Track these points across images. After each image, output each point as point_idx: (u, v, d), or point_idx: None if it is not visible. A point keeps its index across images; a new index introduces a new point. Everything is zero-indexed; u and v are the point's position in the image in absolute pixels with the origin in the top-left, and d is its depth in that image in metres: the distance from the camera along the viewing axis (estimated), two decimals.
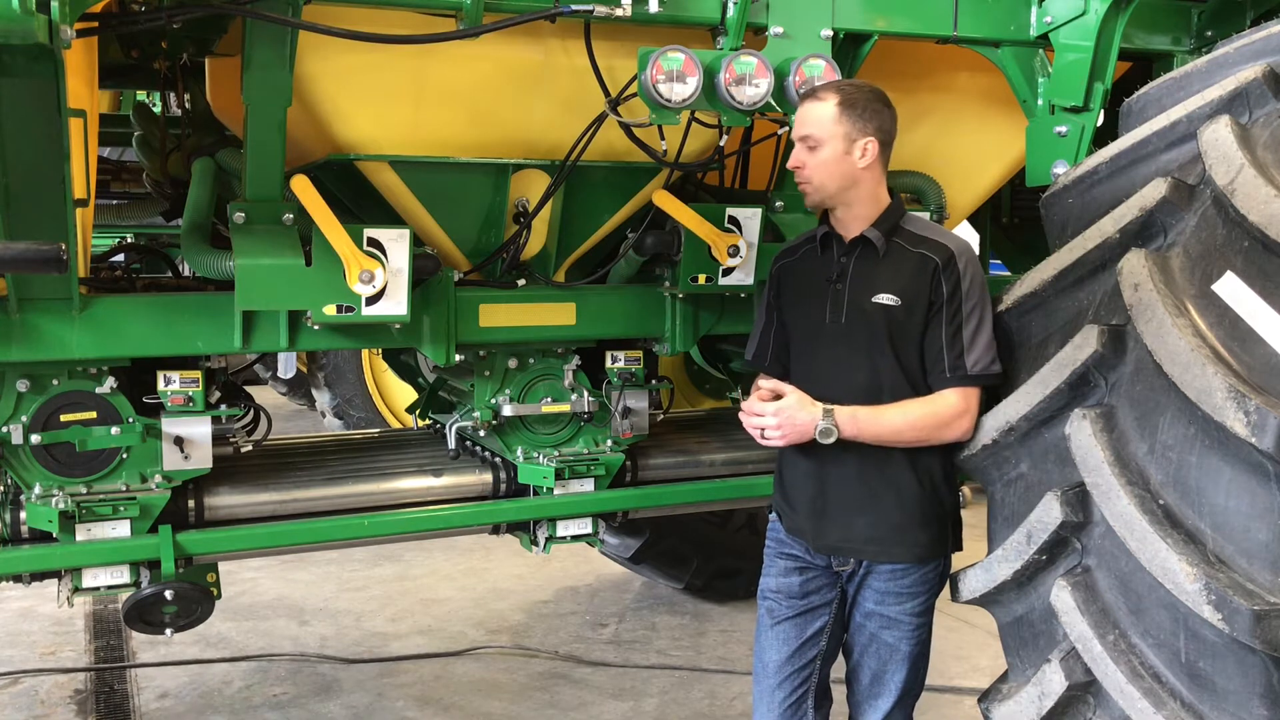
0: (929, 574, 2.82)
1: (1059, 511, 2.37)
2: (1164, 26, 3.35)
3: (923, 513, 2.76)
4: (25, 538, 2.91)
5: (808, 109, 2.71)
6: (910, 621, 2.84)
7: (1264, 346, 2.05)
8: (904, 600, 2.82)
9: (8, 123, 2.43)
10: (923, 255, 2.70)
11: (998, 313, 2.74)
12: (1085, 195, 2.67)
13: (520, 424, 3.38)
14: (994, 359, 2.69)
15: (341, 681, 4.96)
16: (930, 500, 2.77)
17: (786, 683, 2.92)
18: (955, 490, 2.85)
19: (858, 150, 2.68)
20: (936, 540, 2.80)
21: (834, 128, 2.67)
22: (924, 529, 2.77)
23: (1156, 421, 2.21)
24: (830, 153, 2.69)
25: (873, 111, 2.69)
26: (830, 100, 2.68)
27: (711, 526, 5.48)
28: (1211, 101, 2.38)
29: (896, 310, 2.69)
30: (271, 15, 2.57)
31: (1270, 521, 2.01)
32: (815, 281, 2.84)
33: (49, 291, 2.73)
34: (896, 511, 2.76)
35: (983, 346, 2.68)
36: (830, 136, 2.68)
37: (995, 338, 2.70)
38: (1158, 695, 2.18)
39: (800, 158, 2.73)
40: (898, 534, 2.77)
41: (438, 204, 3.12)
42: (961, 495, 4.10)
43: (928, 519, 2.77)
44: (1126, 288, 2.29)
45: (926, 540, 2.78)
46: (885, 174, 2.76)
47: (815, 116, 2.69)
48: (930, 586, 2.84)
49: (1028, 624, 2.57)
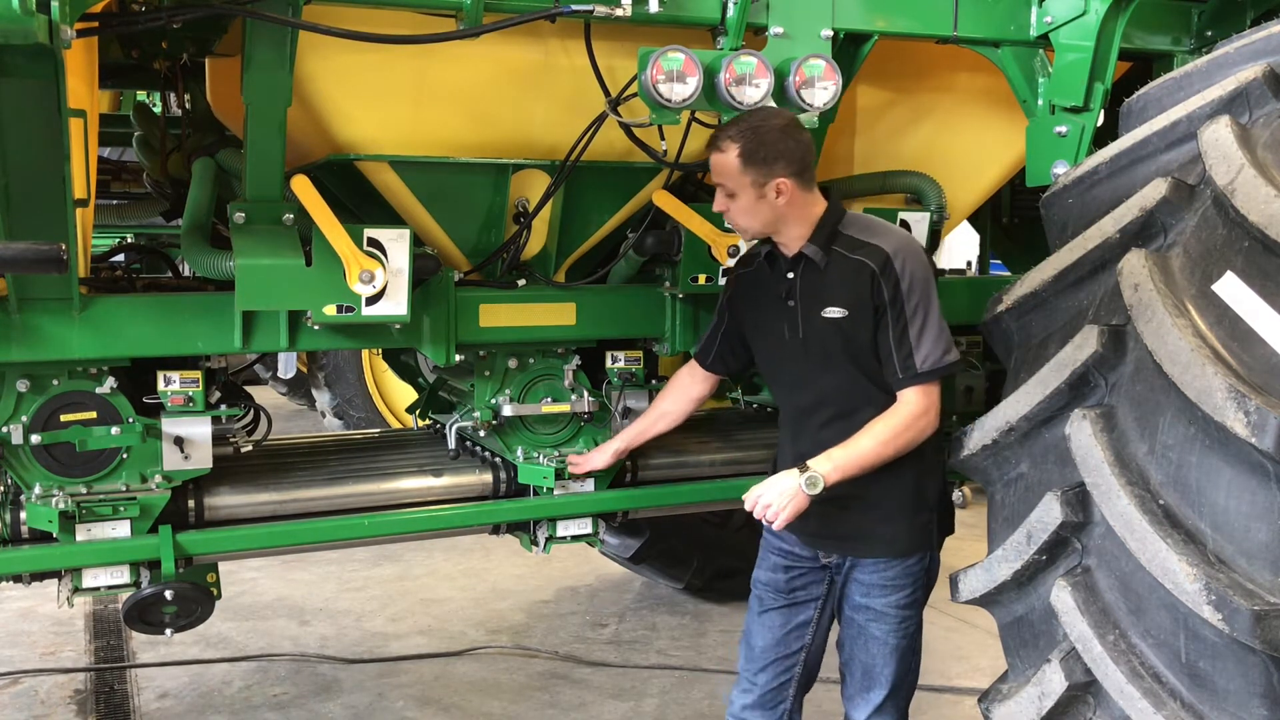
0: (913, 566, 2.86)
1: (1059, 511, 2.37)
2: (1164, 26, 3.35)
3: (902, 507, 2.82)
4: (25, 538, 2.90)
5: (714, 159, 2.78)
6: (896, 615, 2.89)
7: (1264, 346, 2.05)
8: (889, 593, 2.87)
9: (8, 123, 2.43)
10: (860, 262, 2.74)
11: (998, 313, 2.74)
12: (1085, 195, 2.68)
13: (520, 424, 3.38)
14: (945, 349, 2.72)
15: (341, 681, 4.96)
16: (911, 494, 2.82)
17: (769, 669, 3.04)
18: (938, 482, 2.89)
19: (771, 192, 2.74)
20: (919, 534, 2.85)
21: (741, 178, 2.74)
22: (905, 523, 2.83)
23: (1156, 421, 2.21)
24: (745, 200, 2.75)
25: (776, 152, 2.72)
26: (732, 152, 2.73)
27: (711, 526, 5.48)
28: (1211, 101, 2.39)
29: (845, 322, 2.75)
30: (271, 15, 2.57)
31: (1270, 521, 2.01)
32: (770, 297, 2.91)
33: (49, 291, 2.73)
34: (877, 507, 2.82)
35: (931, 341, 2.71)
36: (740, 186, 2.75)
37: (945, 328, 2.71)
38: (1158, 695, 2.18)
39: (721, 203, 2.81)
40: (879, 528, 2.84)
41: (438, 204, 3.12)
42: (960, 495, 4.10)
43: (908, 513, 2.83)
44: (1126, 288, 2.29)
45: (908, 534, 2.84)
46: (812, 192, 2.81)
47: (721, 167, 2.77)
48: (915, 580, 2.88)
49: (1028, 624, 2.57)
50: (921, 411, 2.74)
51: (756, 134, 2.71)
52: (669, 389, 3.30)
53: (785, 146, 2.72)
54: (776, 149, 2.71)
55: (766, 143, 2.70)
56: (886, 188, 3.63)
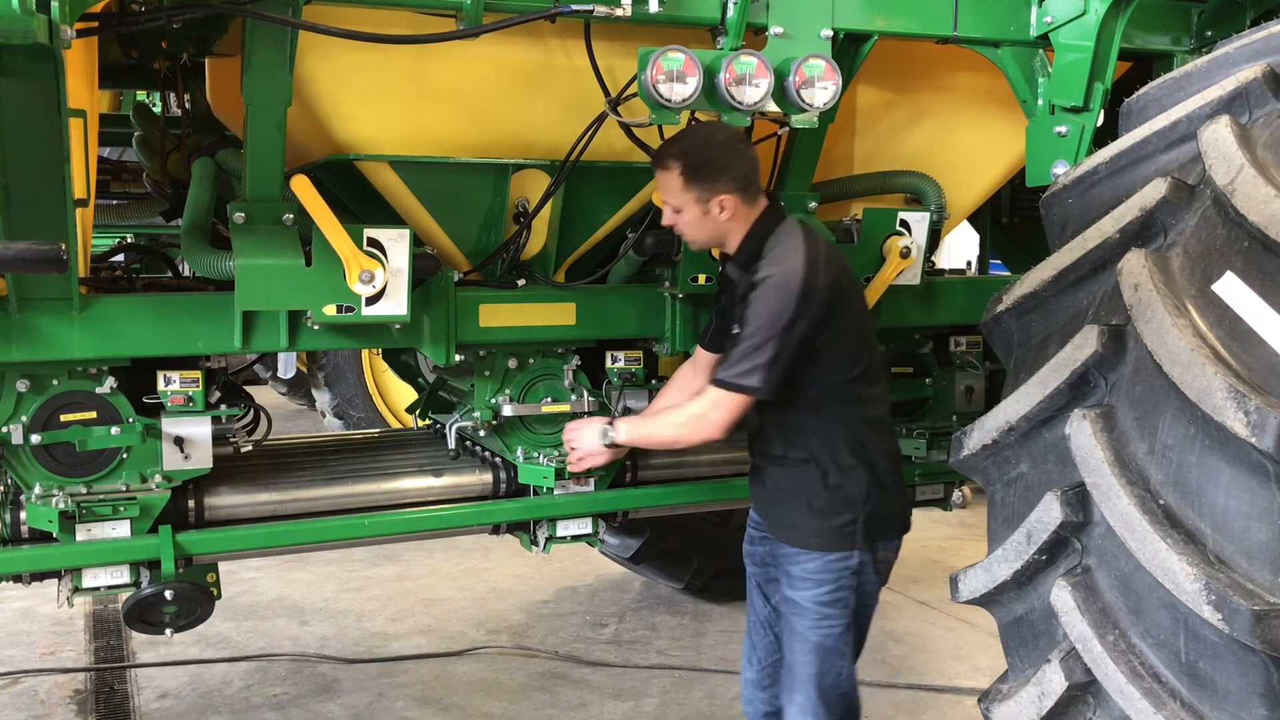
0: (834, 563, 2.91)
1: (1059, 511, 2.37)
2: (1164, 26, 3.34)
3: (814, 506, 2.92)
4: (25, 538, 2.91)
5: (659, 176, 2.89)
6: (816, 610, 2.93)
7: (1264, 346, 2.05)
8: (810, 587, 2.94)
9: (8, 123, 2.43)
10: (750, 284, 2.85)
11: (998, 313, 2.73)
12: (1085, 195, 2.67)
13: (520, 424, 3.38)
14: (749, 374, 2.78)
15: (341, 681, 4.96)
16: (821, 494, 2.91)
17: (763, 641, 3.25)
18: (861, 486, 2.92)
19: (715, 208, 2.85)
20: (839, 535, 2.91)
21: (684, 195, 2.85)
22: (821, 522, 2.91)
23: (1156, 421, 2.20)
24: (690, 216, 2.88)
25: (718, 167, 2.82)
26: (675, 169, 2.83)
27: (711, 526, 5.48)
28: (1211, 101, 2.38)
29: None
30: (271, 15, 2.57)
31: (1270, 521, 2.01)
32: (728, 295, 3.05)
33: (49, 291, 2.73)
34: (792, 499, 2.95)
35: (741, 359, 2.79)
36: (684, 203, 2.86)
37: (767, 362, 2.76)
38: (1158, 695, 2.18)
39: (669, 217, 2.93)
40: (797, 520, 2.94)
41: (438, 204, 3.12)
42: (960, 495, 4.11)
43: (824, 513, 2.91)
44: (1126, 288, 2.28)
45: (824, 533, 2.91)
46: (756, 205, 2.91)
47: (666, 185, 2.88)
48: (839, 578, 2.92)
49: (1028, 624, 2.57)
50: (701, 414, 2.86)
51: (699, 151, 2.82)
52: (671, 385, 3.32)
53: (728, 163, 2.84)
54: (719, 166, 2.82)
55: (709, 160, 2.82)
56: (886, 188, 3.63)
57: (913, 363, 3.94)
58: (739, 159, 2.85)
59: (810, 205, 3.48)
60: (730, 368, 2.81)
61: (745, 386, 2.80)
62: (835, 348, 2.86)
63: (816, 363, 2.85)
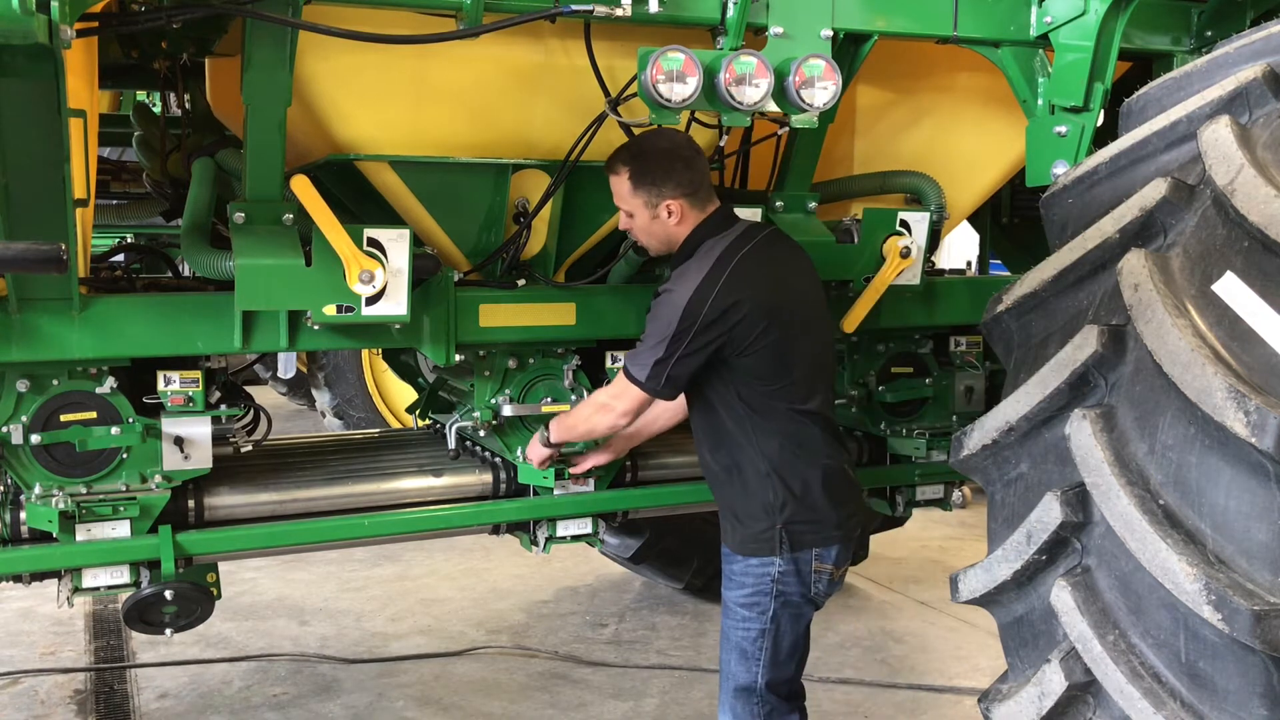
0: (754, 568, 2.97)
1: (1059, 511, 2.37)
2: (1164, 26, 3.34)
3: (736, 510, 3.00)
4: (25, 538, 2.91)
5: (611, 181, 3.02)
6: (736, 611, 3.01)
7: (1264, 346, 2.05)
8: (732, 587, 3.03)
9: (8, 123, 2.43)
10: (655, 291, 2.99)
11: (998, 313, 2.73)
12: (1085, 195, 2.67)
13: (520, 424, 3.38)
14: (640, 370, 2.90)
15: (341, 681, 4.96)
16: (751, 499, 2.96)
17: None
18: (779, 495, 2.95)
19: (663, 212, 2.93)
20: (758, 541, 2.96)
21: (633, 200, 2.95)
22: (745, 525, 2.98)
23: (1156, 421, 2.20)
24: (641, 220, 2.99)
25: (663, 172, 2.91)
26: (623, 174, 2.93)
27: (711, 526, 5.43)
28: (1211, 101, 2.38)
29: None
30: (271, 15, 2.57)
31: (1270, 521, 2.01)
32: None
33: (49, 291, 2.73)
34: (727, 503, 3.04)
35: (638, 354, 2.93)
36: (634, 207, 2.96)
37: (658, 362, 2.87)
38: (1158, 695, 2.18)
39: (625, 222, 3.04)
40: (729, 523, 3.04)
41: (438, 204, 3.12)
42: (960, 495, 4.11)
43: (744, 518, 2.98)
44: (1126, 288, 2.28)
45: (744, 535, 2.98)
46: (706, 211, 2.99)
47: (617, 190, 2.99)
48: (757, 582, 2.97)
49: (1028, 624, 2.57)
50: (602, 402, 3.04)
51: (644, 157, 2.91)
52: None
53: (673, 168, 2.91)
54: (664, 171, 2.90)
55: (654, 165, 2.90)
56: (886, 188, 3.63)
57: (913, 363, 3.94)
58: (684, 165, 2.93)
59: (810, 205, 3.48)
60: (632, 356, 2.95)
61: (631, 375, 2.93)
62: (753, 364, 2.91)
63: (734, 376, 2.93)
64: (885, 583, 6.25)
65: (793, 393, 2.96)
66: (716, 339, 2.86)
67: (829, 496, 2.98)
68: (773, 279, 2.97)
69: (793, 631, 3.01)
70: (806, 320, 3.03)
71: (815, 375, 3.03)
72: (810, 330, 3.04)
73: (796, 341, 2.97)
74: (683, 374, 2.89)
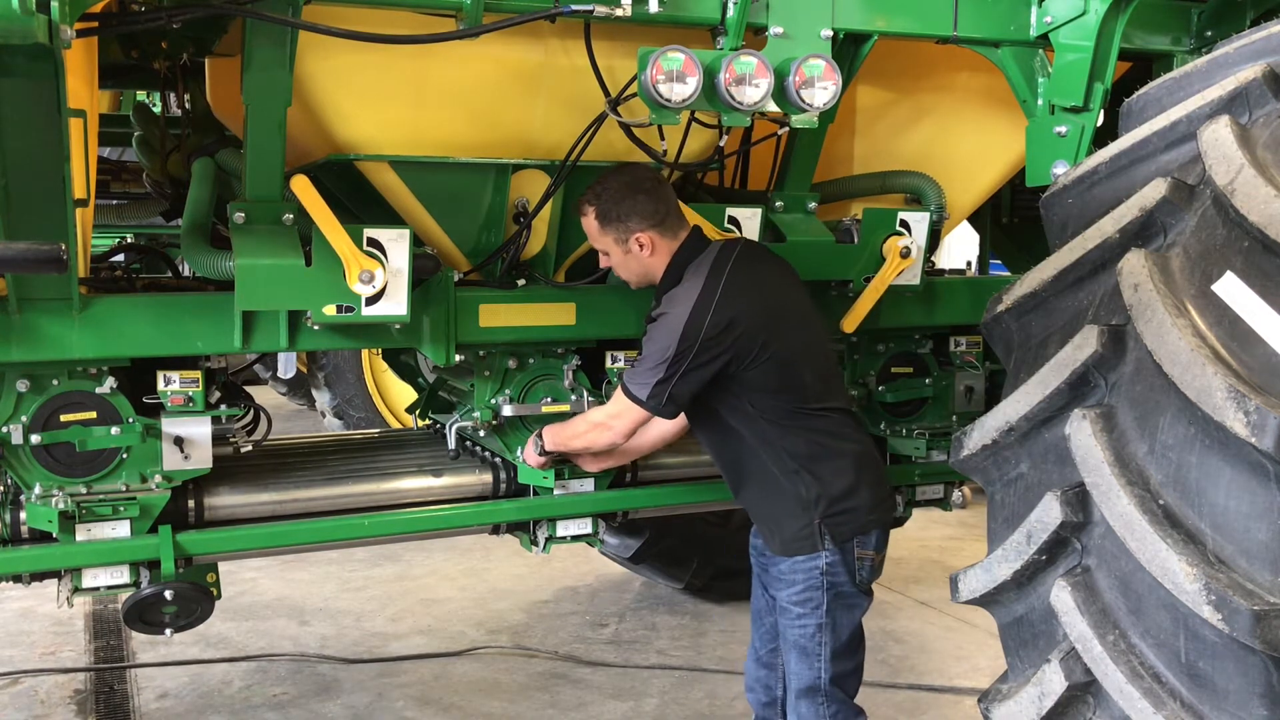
0: (802, 564, 3.00)
1: (1059, 511, 2.37)
2: (1164, 26, 3.34)
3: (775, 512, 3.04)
4: (25, 538, 2.91)
5: (582, 225, 3.09)
6: (791, 610, 3.04)
7: (1264, 346, 2.05)
8: (784, 587, 3.05)
9: (8, 123, 2.43)
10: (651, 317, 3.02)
11: (998, 313, 2.73)
12: (1085, 195, 2.67)
13: (520, 424, 3.38)
14: (640, 387, 2.93)
15: (341, 681, 4.96)
16: (786, 499, 2.99)
17: (761, 628, 3.39)
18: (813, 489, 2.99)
19: (634, 246, 2.99)
20: (800, 538, 2.99)
21: (604, 238, 3.03)
22: (785, 525, 3.01)
23: (1156, 421, 2.20)
24: (616, 257, 3.07)
25: (628, 208, 2.97)
26: (590, 214, 3.00)
27: (711, 526, 5.48)
28: (1211, 101, 2.38)
29: None
30: (271, 15, 2.57)
31: (1270, 521, 2.01)
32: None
33: (49, 291, 2.73)
34: (764, 507, 3.08)
35: (636, 371, 2.96)
36: (607, 246, 3.03)
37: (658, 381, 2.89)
38: (1158, 695, 2.18)
39: (604, 261, 3.12)
40: (770, 526, 3.09)
41: (438, 204, 3.12)
42: (960, 495, 4.11)
43: (783, 518, 3.01)
44: (1126, 288, 2.28)
45: (787, 536, 3.01)
46: (676, 238, 3.04)
47: (588, 231, 3.08)
48: (807, 578, 3.00)
49: (1028, 624, 2.57)
50: (600, 420, 3.06)
51: (606, 195, 2.97)
52: None
53: (633, 202, 2.96)
54: (627, 205, 2.96)
55: (616, 201, 2.96)
56: (886, 188, 3.64)
57: (913, 363, 3.94)
58: (646, 196, 2.97)
59: (810, 205, 3.48)
60: (631, 376, 2.98)
61: (630, 391, 2.96)
62: (762, 377, 2.94)
63: (744, 390, 2.96)
64: (885, 583, 6.24)
65: (808, 394, 3.00)
66: (720, 355, 2.89)
67: (861, 482, 3.03)
68: (763, 288, 3.01)
69: (850, 623, 3.06)
70: (803, 322, 3.07)
71: (825, 371, 3.09)
72: (809, 330, 3.08)
73: (799, 344, 3.00)
74: (684, 392, 2.92)
